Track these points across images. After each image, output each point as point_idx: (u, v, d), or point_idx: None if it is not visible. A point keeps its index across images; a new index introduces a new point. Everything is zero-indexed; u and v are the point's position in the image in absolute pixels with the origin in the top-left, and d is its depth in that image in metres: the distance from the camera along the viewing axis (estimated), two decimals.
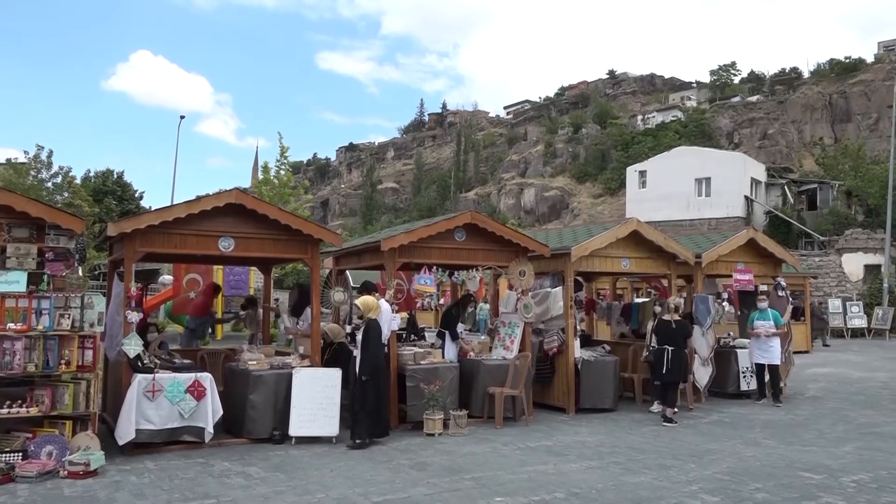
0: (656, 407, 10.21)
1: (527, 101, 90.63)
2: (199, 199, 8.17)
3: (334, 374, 8.38)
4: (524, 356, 9.65)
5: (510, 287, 10.32)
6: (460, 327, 10.44)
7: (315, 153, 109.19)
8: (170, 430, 7.61)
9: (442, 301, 12.86)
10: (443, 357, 9.65)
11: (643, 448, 8.07)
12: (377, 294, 10.16)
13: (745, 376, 11.93)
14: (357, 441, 7.85)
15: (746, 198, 40.11)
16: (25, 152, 31.17)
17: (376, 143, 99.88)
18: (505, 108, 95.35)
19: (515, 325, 10.16)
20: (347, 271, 12.50)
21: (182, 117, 42.62)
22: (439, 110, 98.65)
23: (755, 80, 68.88)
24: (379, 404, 8.01)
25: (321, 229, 9.04)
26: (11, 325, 6.85)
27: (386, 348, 8.80)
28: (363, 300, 8.26)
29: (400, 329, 10.22)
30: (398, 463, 7.28)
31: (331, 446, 7.99)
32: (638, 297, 19.36)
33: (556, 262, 10.54)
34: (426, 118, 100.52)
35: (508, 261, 10.09)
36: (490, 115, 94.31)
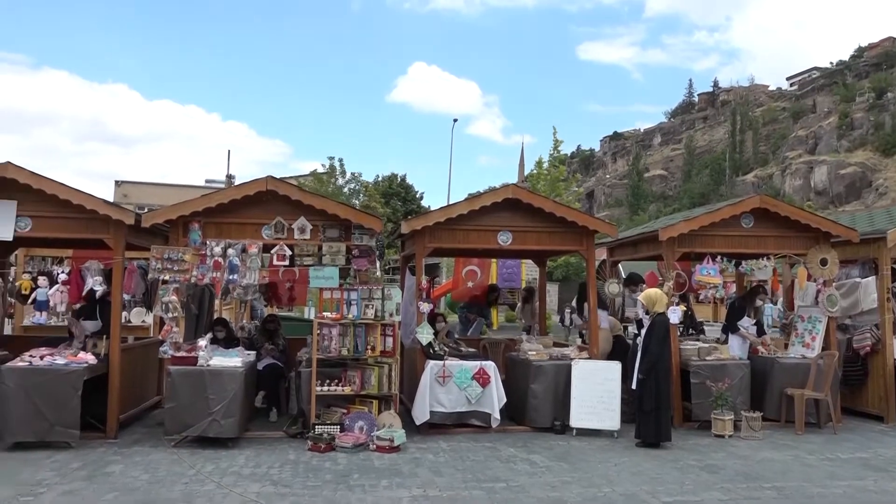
0: None
1: (815, 68, 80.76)
2: (479, 195, 8.58)
3: (614, 367, 8.23)
4: (830, 355, 8.56)
5: (809, 277, 9.23)
6: (746, 322, 9.59)
7: (579, 145, 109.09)
8: (458, 414, 8.13)
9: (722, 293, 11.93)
10: (730, 353, 8.95)
11: None
12: (643, 285, 9.76)
13: None
14: (638, 441, 7.61)
15: None
16: (323, 165, 35.69)
17: (642, 130, 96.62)
18: (788, 78, 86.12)
19: (817, 319, 9.06)
20: (619, 264, 12.23)
21: (455, 120, 45.54)
22: (710, 89, 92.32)
23: None
24: (659, 406, 7.53)
25: (596, 220, 8.95)
26: (328, 314, 7.85)
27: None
28: (646, 294, 7.93)
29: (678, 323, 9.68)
30: (686, 463, 6.91)
31: (612, 440, 7.87)
32: None
33: (865, 249, 9.19)
34: (695, 99, 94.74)
35: (806, 248, 9.03)
36: (769, 88, 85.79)
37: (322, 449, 7.06)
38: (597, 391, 8.12)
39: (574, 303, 10.62)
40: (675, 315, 8.61)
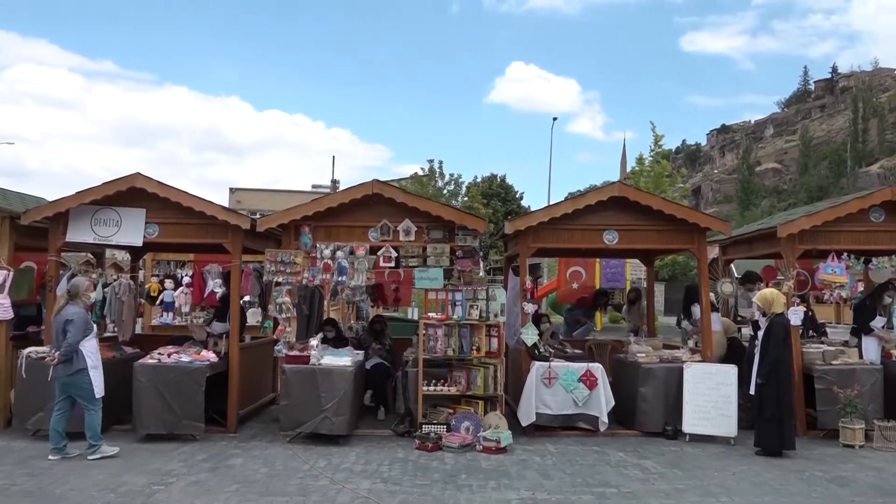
0: None
1: None
2: (583, 194, 8.43)
3: (729, 371, 7.85)
4: None
5: None
6: (878, 321, 8.89)
7: (684, 139, 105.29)
8: (565, 416, 8.00)
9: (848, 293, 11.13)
10: (860, 357, 8.34)
11: None
12: (761, 284, 9.25)
13: None
14: (758, 450, 7.22)
15: None
16: (422, 168, 36.15)
17: (752, 122, 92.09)
18: None
19: None
20: (732, 263, 11.68)
21: (554, 119, 44.90)
22: (828, 76, 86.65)
23: None
24: (780, 413, 7.11)
25: (708, 217, 8.58)
26: (433, 315, 7.94)
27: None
28: (761, 295, 7.51)
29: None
30: (812, 474, 6.49)
31: (729, 447, 7.51)
32: None
33: None
34: (811, 87, 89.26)
35: None
36: None
37: (429, 448, 7.14)
38: (711, 396, 7.77)
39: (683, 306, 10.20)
40: (796, 316, 8.12)
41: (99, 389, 6.83)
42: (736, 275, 13.06)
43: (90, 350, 6.81)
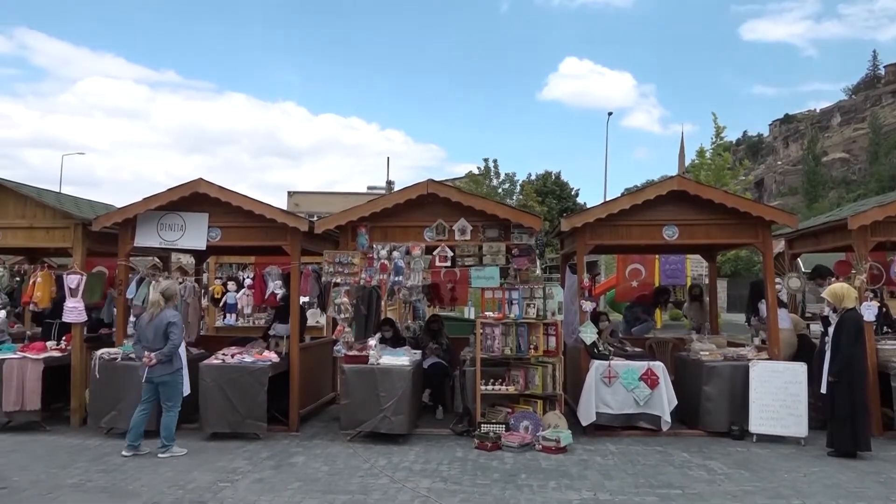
0: None
1: None
2: (641, 189, 8.26)
3: (798, 369, 7.57)
4: None
5: None
6: None
7: (745, 131, 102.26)
8: (626, 416, 7.86)
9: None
10: None
11: None
12: (832, 279, 8.91)
13: None
14: (830, 450, 6.95)
15: None
16: (478, 168, 36.13)
17: (817, 111, 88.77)
18: None
19: None
20: (799, 257, 11.25)
21: (610, 114, 43.99)
22: None
23: None
24: (854, 412, 6.82)
25: (773, 210, 8.30)
26: (490, 314, 7.91)
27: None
28: (831, 290, 7.20)
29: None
30: (890, 476, 6.20)
31: (799, 448, 7.25)
32: None
33: None
34: (881, 72, 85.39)
35: None
36: None
37: (488, 447, 7.12)
38: (779, 394, 7.51)
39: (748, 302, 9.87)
40: (869, 311, 7.77)
41: (186, 388, 7.18)
42: (803, 269, 12.58)
43: (182, 351, 7.13)
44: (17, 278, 9.81)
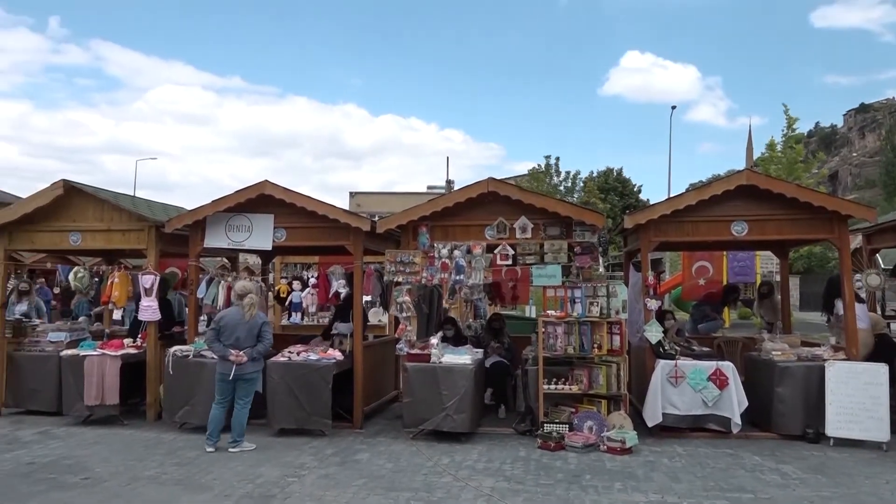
0: None
1: None
2: (708, 184, 8.05)
3: (879, 370, 7.23)
4: None
5: None
6: None
7: (817, 122, 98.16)
8: (694, 417, 7.66)
9: None
10: None
11: None
12: None
13: None
14: None
15: None
16: (539, 165, 35.87)
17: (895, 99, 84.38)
18: None
19: None
20: (878, 252, 10.74)
21: (673, 108, 43.16)
22: None
23: None
24: None
25: (850, 204, 7.97)
26: (552, 312, 7.83)
27: None
28: None
29: None
30: None
31: (881, 453, 6.92)
32: None
33: None
34: None
35: None
36: None
37: (552, 447, 7.06)
38: (858, 396, 7.19)
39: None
40: None
41: (259, 386, 7.46)
42: (882, 265, 12.00)
43: None
44: (96, 279, 10.29)
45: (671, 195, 8.51)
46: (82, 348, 8.55)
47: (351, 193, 50.50)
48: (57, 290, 16.05)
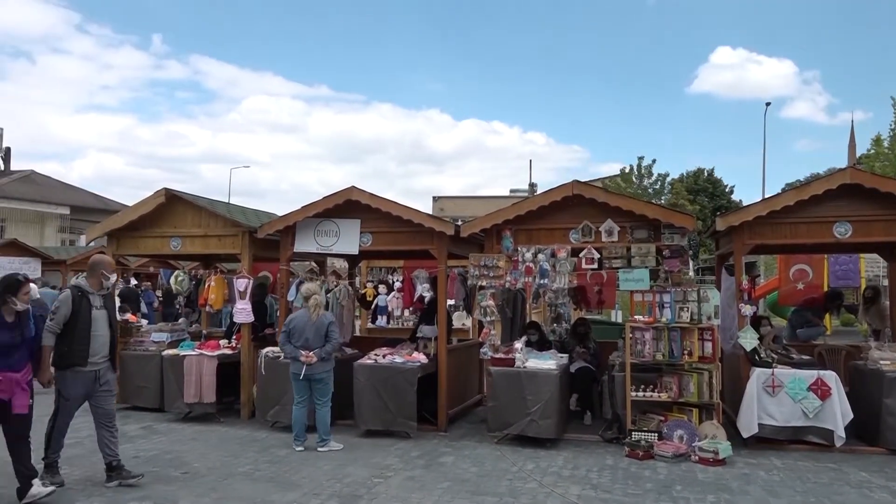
0: None
1: None
2: (807, 184, 7.66)
3: None
4: None
5: None
6: None
7: None
8: (793, 429, 7.29)
9: None
10: None
11: None
12: None
13: None
14: None
15: None
16: (630, 166, 35.06)
17: None
18: None
19: None
20: None
21: (768, 104, 41.06)
22: None
23: None
24: None
25: None
26: (640, 318, 7.64)
27: None
28: None
29: None
30: None
31: None
32: None
33: None
34: None
35: None
36: None
37: (640, 456, 6.88)
38: None
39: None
40: None
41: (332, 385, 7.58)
42: None
43: None
44: (194, 282, 10.81)
45: (766, 195, 8.13)
46: (182, 348, 9.01)
47: (434, 198, 50.92)
48: (159, 294, 16.98)
